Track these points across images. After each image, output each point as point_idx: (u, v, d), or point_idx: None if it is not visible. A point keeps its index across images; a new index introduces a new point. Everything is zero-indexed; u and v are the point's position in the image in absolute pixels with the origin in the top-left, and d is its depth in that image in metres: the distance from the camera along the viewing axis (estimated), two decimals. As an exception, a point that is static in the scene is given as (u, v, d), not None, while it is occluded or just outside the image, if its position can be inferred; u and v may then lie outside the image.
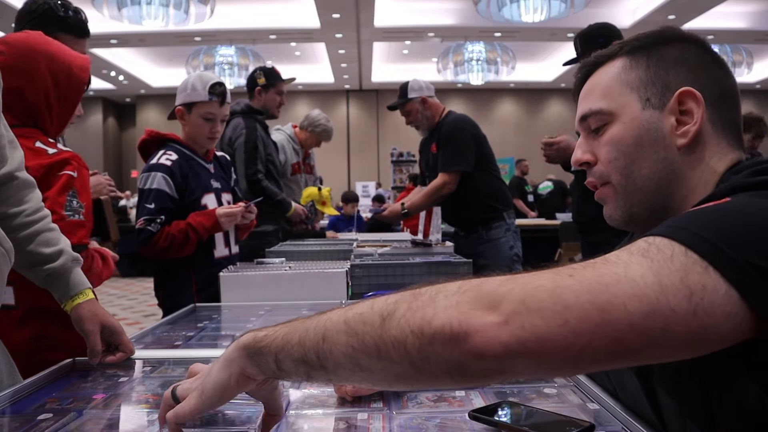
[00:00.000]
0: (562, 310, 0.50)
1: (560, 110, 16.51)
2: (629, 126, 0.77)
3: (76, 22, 1.81)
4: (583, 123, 0.82)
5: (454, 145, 2.93)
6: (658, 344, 0.50)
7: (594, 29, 2.56)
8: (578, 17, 8.20)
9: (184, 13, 7.69)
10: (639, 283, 0.50)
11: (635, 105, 0.77)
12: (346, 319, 0.60)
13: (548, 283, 0.52)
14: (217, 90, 2.09)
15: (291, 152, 3.63)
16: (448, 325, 0.52)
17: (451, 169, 2.91)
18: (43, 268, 1.13)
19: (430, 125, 3.09)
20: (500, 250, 2.94)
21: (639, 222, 0.80)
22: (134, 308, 6.25)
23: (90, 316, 1.12)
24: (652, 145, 0.75)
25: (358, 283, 1.88)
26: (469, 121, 3.07)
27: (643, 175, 0.76)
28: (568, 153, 2.50)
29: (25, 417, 0.85)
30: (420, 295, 0.56)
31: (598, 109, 0.79)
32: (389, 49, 13.03)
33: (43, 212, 1.16)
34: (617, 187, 0.79)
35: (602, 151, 0.79)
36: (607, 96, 0.79)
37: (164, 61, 13.58)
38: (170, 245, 1.97)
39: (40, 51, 1.39)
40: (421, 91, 3.04)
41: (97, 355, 1.10)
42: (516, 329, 0.50)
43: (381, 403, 0.86)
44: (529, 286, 0.52)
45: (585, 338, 0.49)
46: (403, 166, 10.88)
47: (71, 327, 1.14)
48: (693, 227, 0.54)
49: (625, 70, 0.78)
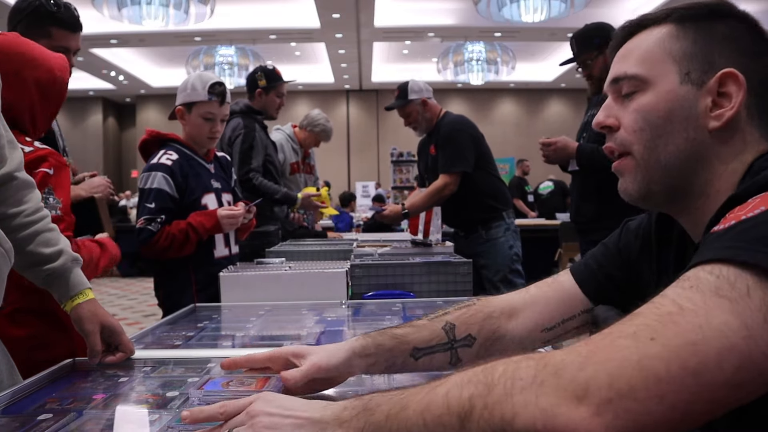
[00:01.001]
0: (656, 385, 0.46)
1: (560, 110, 16.51)
2: (663, 98, 0.73)
3: (69, 16, 1.81)
4: (614, 85, 0.78)
5: (453, 146, 2.93)
6: (755, 391, 0.48)
7: (589, 29, 2.57)
8: (578, 17, 8.18)
9: (184, 13, 7.69)
10: (725, 332, 0.47)
11: (673, 77, 0.73)
12: (425, 421, 0.55)
13: (632, 354, 0.48)
14: (216, 90, 2.09)
15: (290, 151, 3.63)
16: (532, 426, 0.48)
17: (452, 170, 2.91)
18: (42, 268, 1.13)
19: (428, 127, 3.09)
20: (500, 249, 2.95)
21: (655, 200, 0.77)
22: (134, 308, 6.25)
23: (90, 316, 1.12)
24: (682, 122, 0.72)
25: (358, 283, 1.88)
26: (466, 122, 3.07)
27: (669, 151, 0.73)
28: (566, 153, 2.50)
29: (25, 417, 0.85)
30: (493, 386, 0.52)
31: (634, 74, 0.75)
32: (389, 49, 13.02)
33: (42, 212, 1.16)
34: (638, 161, 0.75)
35: (628, 118, 0.76)
36: (645, 62, 0.75)
37: (164, 61, 13.58)
38: (170, 245, 1.97)
39: (23, 56, 1.37)
40: (421, 93, 3.04)
41: (97, 356, 1.10)
42: (610, 420, 0.46)
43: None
44: (612, 363, 0.48)
45: (683, 408, 0.47)
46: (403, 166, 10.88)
47: (60, 327, 1.13)
48: (757, 246, 0.50)
49: (671, 38, 0.74)
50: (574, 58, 2.58)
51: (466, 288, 1.89)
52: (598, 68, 2.50)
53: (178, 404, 0.87)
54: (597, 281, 0.90)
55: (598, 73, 2.51)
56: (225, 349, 1.31)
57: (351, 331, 1.49)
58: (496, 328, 0.89)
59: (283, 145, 3.56)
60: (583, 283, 0.91)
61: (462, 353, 0.88)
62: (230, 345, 1.38)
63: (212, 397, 0.84)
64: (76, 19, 1.85)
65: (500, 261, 2.93)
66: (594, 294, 0.90)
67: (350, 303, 1.76)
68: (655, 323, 0.49)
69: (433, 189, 2.95)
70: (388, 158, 11.30)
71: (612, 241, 0.92)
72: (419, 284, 1.88)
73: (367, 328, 1.47)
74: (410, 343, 0.85)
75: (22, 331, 1.38)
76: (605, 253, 0.92)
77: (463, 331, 0.88)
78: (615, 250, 0.91)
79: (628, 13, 10.35)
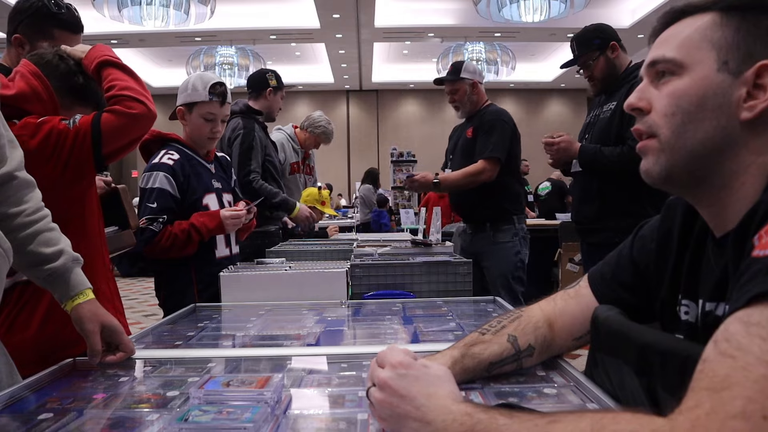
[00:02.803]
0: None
1: (560, 110, 16.51)
2: (697, 84, 0.73)
3: (71, 17, 1.81)
4: (650, 68, 0.78)
5: (498, 134, 2.92)
6: None
7: (589, 30, 2.56)
8: (578, 17, 8.20)
9: (185, 13, 7.69)
10: None
11: (710, 64, 0.72)
12: None
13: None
14: (217, 90, 2.09)
15: (290, 151, 3.63)
16: None
17: (493, 155, 2.89)
18: (43, 268, 1.13)
19: (471, 110, 3.08)
20: (506, 254, 2.92)
21: (676, 184, 0.77)
22: (134, 308, 6.24)
23: (90, 316, 1.12)
24: (715, 110, 0.72)
25: (358, 283, 1.88)
26: (510, 117, 3.07)
27: (697, 138, 0.73)
28: (568, 154, 2.49)
29: (25, 417, 0.85)
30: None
31: (671, 58, 0.75)
32: (389, 49, 13.03)
33: (43, 212, 1.16)
34: (663, 144, 0.75)
35: (661, 102, 0.76)
36: (683, 47, 0.75)
37: (164, 61, 13.58)
38: (172, 245, 1.97)
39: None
40: (474, 75, 3.05)
41: (97, 355, 1.10)
42: None
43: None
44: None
45: None
46: (403, 166, 10.89)
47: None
48: None
49: (714, 26, 0.74)
50: (575, 60, 2.57)
51: (466, 288, 1.89)
52: (599, 69, 2.49)
53: (178, 404, 0.87)
54: (614, 293, 0.93)
55: (599, 73, 2.50)
56: (225, 349, 1.31)
57: (351, 331, 1.49)
58: (544, 337, 0.96)
59: (284, 145, 3.56)
60: (601, 297, 0.95)
61: (525, 362, 0.96)
62: (230, 345, 1.38)
63: (213, 396, 0.84)
64: (78, 20, 1.85)
65: (504, 266, 2.92)
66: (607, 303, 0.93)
67: (350, 303, 1.77)
68: (758, 395, 0.48)
69: (471, 170, 2.92)
70: (388, 158, 11.31)
71: (625, 251, 0.95)
72: (419, 284, 1.88)
73: (367, 328, 1.48)
74: (486, 360, 0.92)
75: (51, 328, 1.38)
76: (619, 263, 0.95)
77: (524, 342, 0.95)
78: (628, 260, 0.93)
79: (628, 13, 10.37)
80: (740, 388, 0.48)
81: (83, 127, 1.39)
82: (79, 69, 1.51)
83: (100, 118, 1.41)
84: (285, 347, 1.27)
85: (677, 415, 0.51)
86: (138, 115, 1.44)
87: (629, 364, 0.77)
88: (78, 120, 1.41)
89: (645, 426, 0.51)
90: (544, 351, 0.97)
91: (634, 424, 0.52)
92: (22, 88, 1.40)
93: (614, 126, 2.39)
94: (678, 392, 0.67)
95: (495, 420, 0.60)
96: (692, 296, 0.79)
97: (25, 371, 1.10)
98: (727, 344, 0.52)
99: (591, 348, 0.91)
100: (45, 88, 1.43)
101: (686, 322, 0.80)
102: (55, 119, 1.39)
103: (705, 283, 0.76)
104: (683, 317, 0.80)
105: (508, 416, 0.60)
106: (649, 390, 0.73)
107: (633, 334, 0.78)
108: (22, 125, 1.36)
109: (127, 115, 1.43)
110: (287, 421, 0.80)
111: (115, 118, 1.42)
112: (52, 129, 1.37)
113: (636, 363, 0.76)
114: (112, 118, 1.42)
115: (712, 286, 0.73)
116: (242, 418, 0.78)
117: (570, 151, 2.47)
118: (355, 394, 0.90)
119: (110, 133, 1.41)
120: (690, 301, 0.79)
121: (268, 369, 1.09)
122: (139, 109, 1.44)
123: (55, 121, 1.39)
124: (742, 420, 0.47)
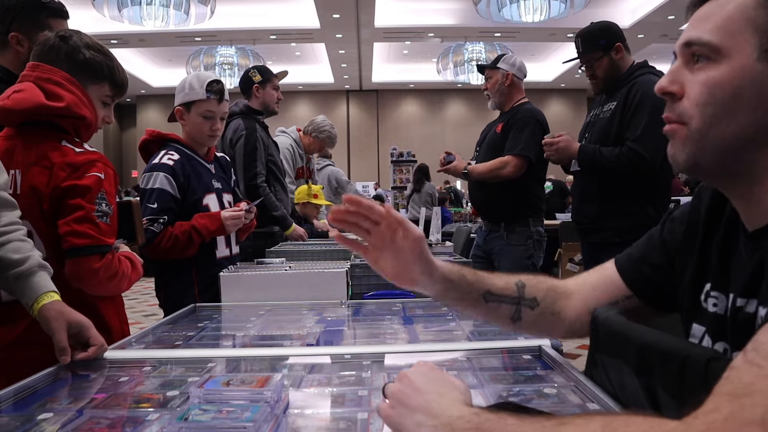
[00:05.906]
0: None
1: (560, 110, 16.51)
2: (734, 74, 0.68)
3: (59, 4, 1.80)
4: (685, 49, 0.73)
5: (529, 131, 2.89)
6: None
7: (596, 29, 2.53)
8: (578, 17, 8.20)
9: (185, 13, 7.70)
10: None
11: (750, 51, 0.67)
12: None
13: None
14: (214, 87, 2.08)
15: (297, 157, 3.65)
16: None
17: (521, 152, 2.85)
18: (10, 272, 1.14)
19: (500, 102, 3.06)
20: (518, 256, 2.90)
21: (702, 173, 0.74)
22: (134, 308, 6.24)
23: (55, 314, 1.11)
24: (751, 102, 0.67)
25: (358, 283, 1.88)
26: (544, 117, 3.04)
27: (730, 131, 0.68)
28: (567, 153, 2.49)
29: (25, 417, 0.85)
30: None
31: (707, 42, 0.70)
32: (389, 49, 13.04)
33: (17, 226, 1.19)
34: (693, 132, 0.71)
35: (694, 89, 0.71)
36: (723, 29, 0.69)
37: (164, 61, 13.59)
38: (173, 246, 1.97)
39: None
40: (512, 68, 3.03)
41: (65, 353, 1.09)
42: None
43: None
44: None
45: None
46: (403, 166, 10.88)
47: (103, 327, 1.16)
48: None
49: (757, 6, 0.68)
50: (579, 57, 2.55)
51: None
52: (602, 69, 2.47)
53: (178, 404, 0.87)
54: (638, 271, 0.93)
55: (601, 73, 2.47)
56: (225, 349, 1.31)
57: (351, 331, 1.49)
58: (554, 302, 0.95)
59: (291, 150, 3.57)
60: (624, 272, 0.94)
61: (524, 312, 0.95)
62: (230, 345, 1.38)
63: (213, 395, 0.84)
64: (63, 5, 1.83)
65: (514, 268, 2.87)
66: (631, 283, 0.93)
67: (350, 303, 1.77)
68: None
69: (496, 163, 2.90)
70: (388, 158, 11.30)
71: (656, 232, 0.93)
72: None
73: (367, 327, 1.48)
74: (486, 285, 0.92)
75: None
76: (649, 243, 0.93)
77: (531, 292, 0.95)
78: (659, 241, 0.92)
79: (628, 13, 10.38)
80: (762, 397, 0.47)
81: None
82: (84, 44, 1.45)
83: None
84: (285, 347, 1.27)
85: (693, 419, 0.49)
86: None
87: (629, 364, 0.77)
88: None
89: (657, 429, 0.50)
90: (547, 316, 0.95)
91: (646, 427, 0.51)
92: (69, 99, 1.38)
93: (614, 126, 2.38)
94: (678, 392, 0.67)
95: (503, 420, 0.60)
96: (722, 289, 0.76)
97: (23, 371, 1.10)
98: (755, 353, 0.51)
99: (591, 348, 0.91)
100: (71, 83, 1.41)
101: (714, 314, 0.77)
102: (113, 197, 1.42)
103: (736, 277, 0.74)
104: (711, 309, 0.78)
105: (516, 417, 0.59)
106: (649, 390, 0.73)
107: (633, 334, 0.78)
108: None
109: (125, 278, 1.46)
110: (287, 420, 0.80)
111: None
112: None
113: (636, 363, 0.76)
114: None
115: (745, 282, 0.71)
116: (242, 417, 0.78)
117: (569, 150, 2.46)
118: (355, 393, 0.90)
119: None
120: (720, 293, 0.77)
121: (268, 369, 1.09)
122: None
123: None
124: (761, 428, 0.46)
